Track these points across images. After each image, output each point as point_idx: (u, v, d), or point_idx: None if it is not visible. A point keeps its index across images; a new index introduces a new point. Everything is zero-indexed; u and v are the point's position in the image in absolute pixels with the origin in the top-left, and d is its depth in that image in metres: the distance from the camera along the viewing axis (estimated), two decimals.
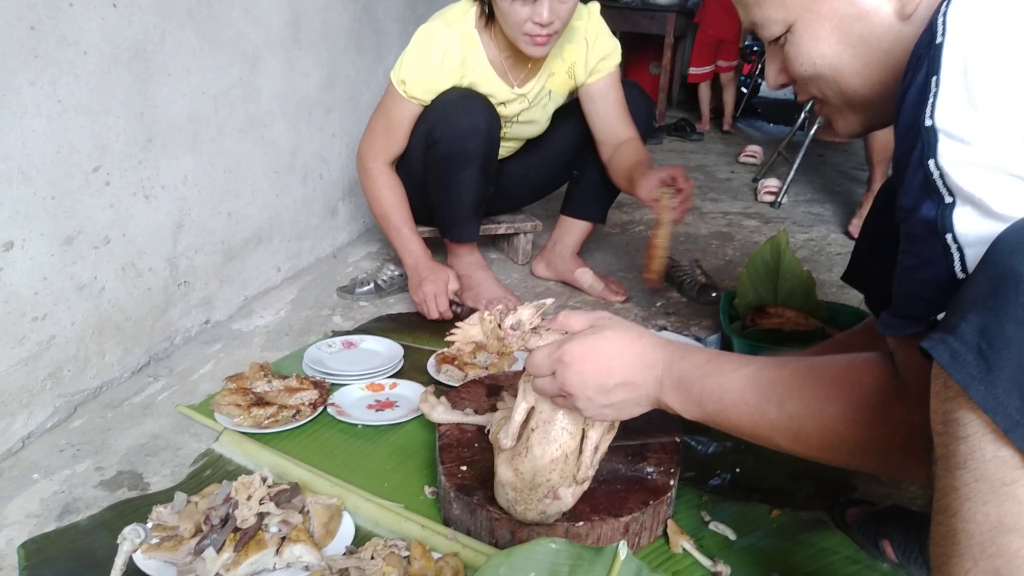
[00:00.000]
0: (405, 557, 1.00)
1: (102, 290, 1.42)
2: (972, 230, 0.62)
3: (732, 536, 1.12)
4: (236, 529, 0.99)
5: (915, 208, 0.66)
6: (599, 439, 0.98)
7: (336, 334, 1.74)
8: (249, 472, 1.17)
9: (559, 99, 2.00)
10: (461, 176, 1.87)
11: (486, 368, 1.55)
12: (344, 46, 2.24)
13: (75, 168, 1.31)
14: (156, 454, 1.29)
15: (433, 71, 1.78)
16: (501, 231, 2.28)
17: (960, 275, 0.64)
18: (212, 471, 1.24)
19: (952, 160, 0.62)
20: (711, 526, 1.14)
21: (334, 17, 2.16)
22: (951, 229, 0.63)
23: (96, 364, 1.43)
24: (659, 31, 5.20)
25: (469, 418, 1.23)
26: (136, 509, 1.12)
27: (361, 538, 1.08)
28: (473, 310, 1.80)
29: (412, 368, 1.60)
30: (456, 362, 1.55)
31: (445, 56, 1.77)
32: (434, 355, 1.61)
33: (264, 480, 1.08)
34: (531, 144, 2.10)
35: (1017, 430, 0.52)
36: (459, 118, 1.79)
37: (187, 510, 1.05)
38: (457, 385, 1.44)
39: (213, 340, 1.72)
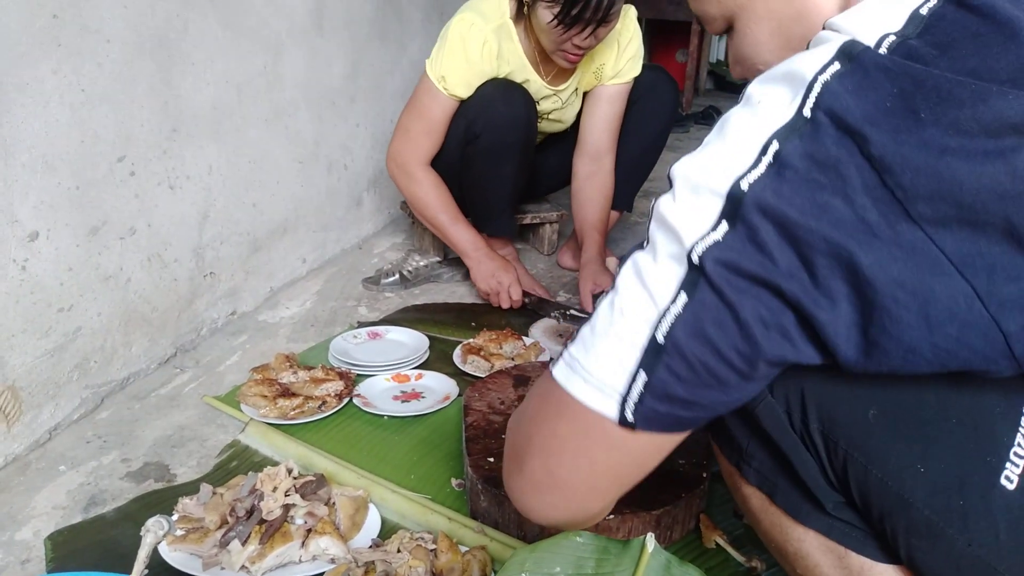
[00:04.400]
0: (432, 550, 0.98)
1: (128, 281, 1.41)
2: None
3: None
4: (262, 521, 0.98)
5: None
6: None
7: (362, 325, 1.73)
8: (275, 464, 1.16)
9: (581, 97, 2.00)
10: (501, 170, 1.86)
11: (512, 359, 1.53)
12: (367, 34, 2.22)
13: (99, 158, 1.31)
14: (182, 445, 1.28)
15: (473, 65, 1.75)
16: (527, 221, 2.25)
17: None
18: (238, 462, 1.24)
19: None
20: (745, 520, 1.11)
21: (357, 5, 2.14)
22: None
23: (123, 355, 1.43)
24: (685, 18, 5.12)
25: None
26: (162, 501, 1.12)
27: (387, 530, 1.07)
28: (543, 300, 1.81)
29: (438, 359, 1.58)
30: (482, 352, 1.53)
31: (483, 48, 1.75)
32: (460, 345, 1.59)
33: (290, 471, 1.07)
34: (556, 133, 2.08)
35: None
36: (500, 110, 1.77)
37: (213, 502, 1.03)
38: (483, 376, 1.42)
39: (239, 331, 1.72)
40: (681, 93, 5.04)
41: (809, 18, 0.66)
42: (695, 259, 0.53)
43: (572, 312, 1.80)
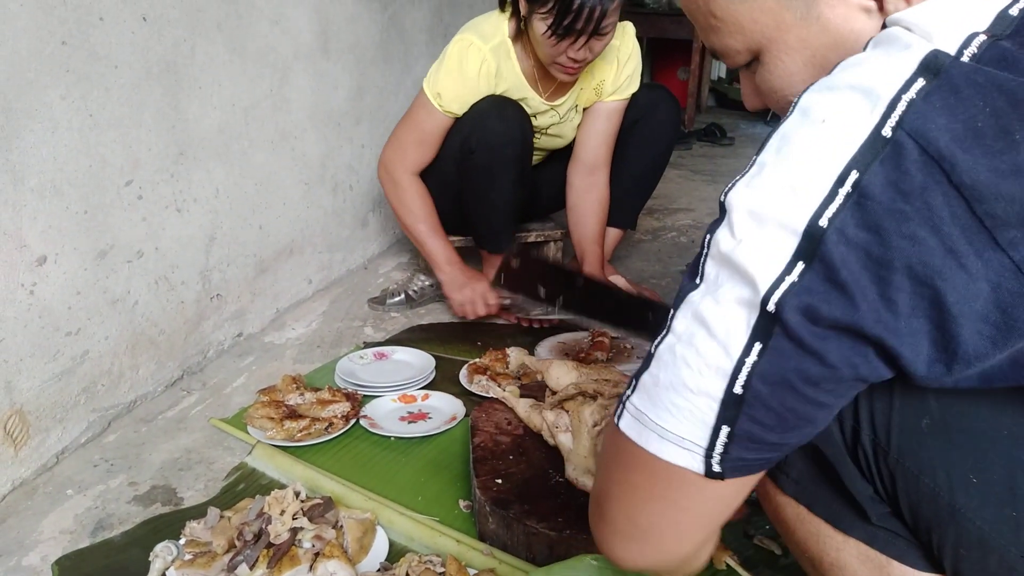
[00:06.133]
0: (440, 573, 0.97)
1: (135, 304, 1.42)
2: None
3: (778, 551, 1.08)
4: (269, 545, 0.98)
5: None
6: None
7: (367, 345, 1.73)
8: (282, 486, 1.16)
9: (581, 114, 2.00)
10: (498, 185, 1.86)
11: (519, 378, 1.53)
12: (372, 57, 2.24)
13: (107, 182, 1.31)
14: (189, 468, 1.28)
15: (469, 84, 1.77)
16: (530, 239, 2.26)
17: None
18: (245, 485, 1.23)
19: None
20: (756, 540, 1.10)
21: (362, 28, 2.16)
22: None
23: (130, 378, 1.43)
24: (686, 36, 5.15)
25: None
26: (169, 524, 1.12)
27: (395, 553, 1.06)
28: (524, 300, 1.82)
29: (444, 379, 1.58)
30: (489, 373, 1.53)
31: (481, 67, 1.77)
32: (466, 365, 1.59)
33: (297, 495, 1.07)
34: (558, 151, 2.09)
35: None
36: (495, 126, 1.78)
37: (220, 525, 1.03)
38: (490, 396, 1.41)
39: (246, 353, 1.72)
40: (683, 111, 5.05)
41: (846, 45, 0.61)
42: (771, 307, 0.50)
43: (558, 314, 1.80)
